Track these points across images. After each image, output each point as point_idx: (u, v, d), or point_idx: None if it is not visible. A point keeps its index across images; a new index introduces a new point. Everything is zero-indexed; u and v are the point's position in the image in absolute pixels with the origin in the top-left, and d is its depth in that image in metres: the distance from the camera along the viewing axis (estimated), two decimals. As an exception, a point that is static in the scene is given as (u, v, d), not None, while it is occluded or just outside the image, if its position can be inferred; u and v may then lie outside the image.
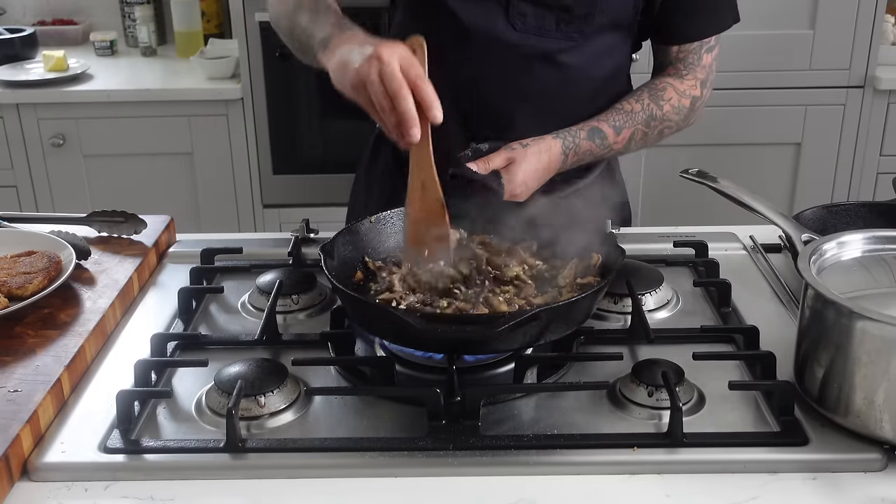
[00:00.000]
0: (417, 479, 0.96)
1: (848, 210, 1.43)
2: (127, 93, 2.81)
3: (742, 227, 1.50)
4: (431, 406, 1.02)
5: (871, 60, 2.80)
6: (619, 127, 1.43)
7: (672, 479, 0.95)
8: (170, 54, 3.17)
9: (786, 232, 1.27)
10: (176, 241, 1.51)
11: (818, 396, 1.00)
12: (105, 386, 1.10)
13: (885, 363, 0.93)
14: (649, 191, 2.95)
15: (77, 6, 3.37)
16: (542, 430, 1.01)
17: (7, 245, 1.33)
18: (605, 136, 1.43)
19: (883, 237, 1.09)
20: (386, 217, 1.29)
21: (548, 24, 1.40)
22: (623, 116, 1.44)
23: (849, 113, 2.86)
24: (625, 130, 1.43)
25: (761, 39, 2.78)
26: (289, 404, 1.04)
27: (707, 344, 1.18)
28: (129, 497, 0.93)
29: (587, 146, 1.41)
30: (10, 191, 2.88)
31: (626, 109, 1.45)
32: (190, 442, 0.99)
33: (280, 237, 1.52)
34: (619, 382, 1.07)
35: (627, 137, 1.44)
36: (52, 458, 0.97)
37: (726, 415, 1.04)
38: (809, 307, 1.00)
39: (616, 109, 1.45)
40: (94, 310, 1.22)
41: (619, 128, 1.43)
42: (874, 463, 0.95)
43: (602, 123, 1.43)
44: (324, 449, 0.98)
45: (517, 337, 1.03)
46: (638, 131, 1.45)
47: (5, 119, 2.80)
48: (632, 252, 1.29)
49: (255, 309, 1.28)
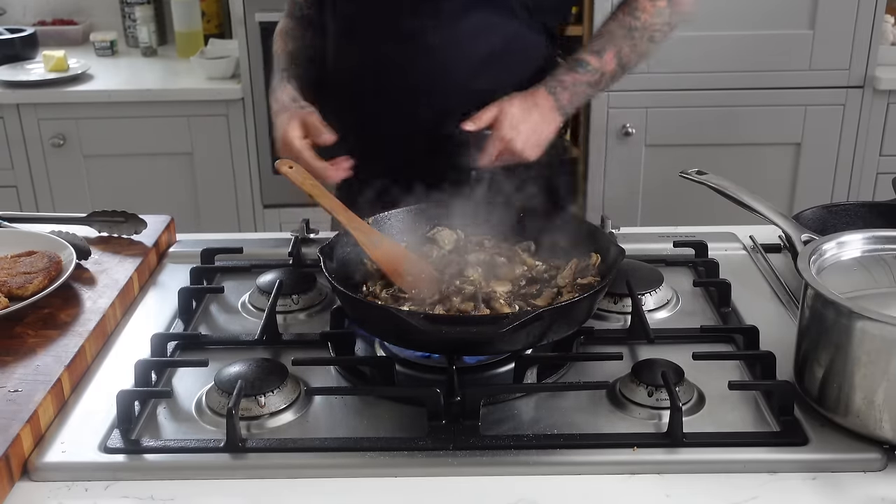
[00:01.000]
0: (417, 479, 0.96)
1: (848, 210, 1.43)
2: (127, 93, 2.81)
3: (742, 227, 1.50)
4: (431, 406, 1.02)
5: (870, 60, 2.80)
6: (600, 50, 1.44)
7: (672, 479, 0.95)
8: (170, 54, 3.17)
9: (786, 232, 1.27)
10: (176, 241, 1.51)
11: (818, 396, 1.00)
12: (105, 386, 1.10)
13: (884, 363, 0.93)
14: (649, 191, 2.95)
15: (77, 6, 3.37)
16: (542, 430, 1.01)
17: (7, 245, 1.33)
18: (588, 63, 1.43)
19: (883, 237, 1.09)
20: (384, 218, 1.29)
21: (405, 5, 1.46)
22: (601, 40, 1.46)
23: (849, 113, 2.86)
24: (607, 53, 1.44)
25: (761, 39, 2.78)
26: (289, 404, 1.04)
27: (707, 344, 1.18)
28: (129, 497, 0.93)
29: (572, 78, 1.42)
30: (11, 191, 2.88)
31: (603, 33, 1.47)
32: (190, 442, 1.00)
33: (280, 237, 1.52)
34: (619, 382, 1.07)
35: (614, 57, 1.44)
36: (53, 457, 0.97)
37: (726, 415, 1.04)
38: (809, 307, 1.00)
39: (595, 36, 1.48)
40: (94, 310, 1.22)
41: (601, 51, 1.44)
42: (874, 463, 0.95)
43: (582, 54, 1.45)
44: (324, 449, 0.98)
45: (520, 338, 1.03)
46: (623, 47, 1.45)
47: (5, 119, 2.80)
48: (632, 252, 1.29)
49: (256, 309, 1.28)
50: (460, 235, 1.29)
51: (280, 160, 1.29)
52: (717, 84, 2.84)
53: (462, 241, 1.29)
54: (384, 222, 1.28)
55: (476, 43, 1.47)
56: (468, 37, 1.46)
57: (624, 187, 2.95)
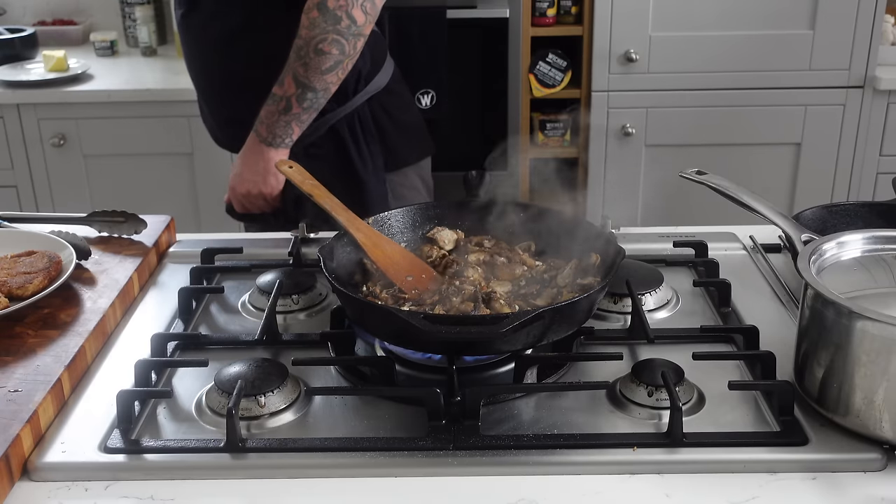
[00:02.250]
0: (417, 479, 0.96)
1: (848, 210, 1.43)
2: (127, 93, 2.81)
3: (742, 227, 1.50)
4: (431, 406, 1.02)
5: (870, 60, 2.80)
6: (281, 79, 1.57)
7: (672, 478, 0.95)
8: (170, 54, 3.18)
9: (786, 232, 1.27)
10: (176, 241, 1.51)
11: (818, 396, 1.00)
12: (105, 386, 1.10)
13: (884, 363, 0.93)
14: (649, 191, 2.95)
15: (77, 6, 3.37)
16: (542, 430, 1.01)
17: (7, 245, 1.33)
18: (273, 94, 1.58)
19: (883, 237, 1.09)
20: (384, 218, 1.29)
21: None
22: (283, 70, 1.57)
23: (849, 113, 2.86)
24: (286, 79, 1.55)
25: (761, 39, 2.78)
26: (289, 404, 1.05)
27: (707, 344, 1.18)
28: (129, 497, 0.93)
29: (265, 112, 1.59)
30: (11, 191, 2.88)
31: None
32: (190, 442, 1.00)
33: (280, 237, 1.52)
34: (619, 382, 1.07)
35: (292, 80, 1.55)
36: (53, 457, 0.97)
37: (726, 415, 1.04)
38: (809, 307, 1.00)
39: None
40: (94, 310, 1.22)
41: (281, 80, 1.56)
42: (874, 463, 0.95)
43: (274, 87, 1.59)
44: (324, 449, 0.98)
45: (520, 338, 1.03)
46: (297, 69, 1.54)
47: (5, 119, 2.80)
48: (632, 252, 1.29)
49: (256, 309, 1.28)
50: (460, 235, 1.29)
51: (280, 160, 1.29)
52: (716, 84, 2.84)
53: (462, 241, 1.29)
54: (384, 222, 1.29)
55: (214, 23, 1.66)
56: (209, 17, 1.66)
57: (624, 187, 2.95)
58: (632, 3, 2.76)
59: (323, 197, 1.23)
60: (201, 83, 1.82)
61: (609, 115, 2.87)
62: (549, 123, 3.04)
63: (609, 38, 2.79)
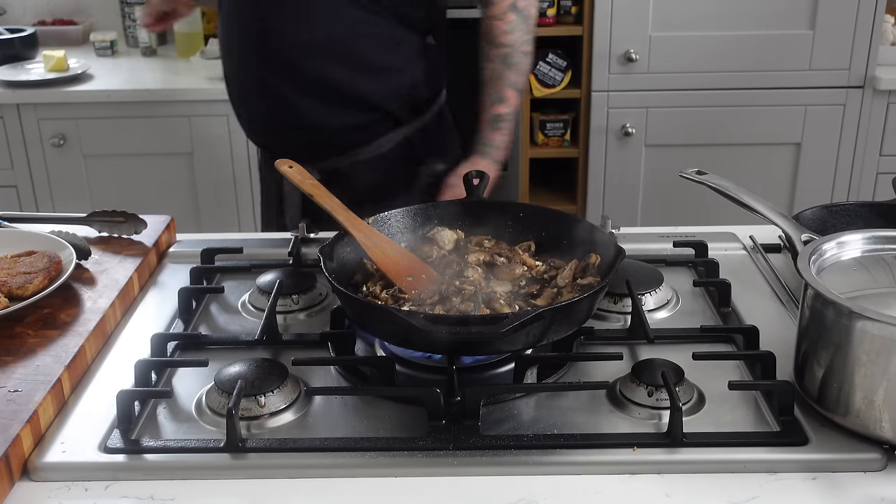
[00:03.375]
0: (417, 479, 0.96)
1: (848, 210, 1.43)
2: (127, 93, 2.81)
3: (742, 227, 1.50)
4: (431, 406, 1.02)
5: (870, 60, 2.80)
6: (502, 97, 1.56)
7: (672, 478, 0.95)
8: (170, 54, 3.17)
9: (786, 232, 1.27)
10: (176, 241, 1.51)
11: (818, 396, 1.00)
12: (105, 386, 1.10)
13: (884, 363, 0.93)
14: (649, 191, 2.95)
15: (77, 6, 3.37)
16: (542, 430, 1.01)
17: (7, 245, 1.33)
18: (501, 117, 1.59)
19: (883, 237, 1.09)
20: (384, 218, 1.29)
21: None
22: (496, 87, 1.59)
23: (849, 113, 2.86)
24: (507, 94, 1.56)
25: (761, 39, 2.78)
26: (289, 404, 1.05)
27: (707, 344, 1.18)
28: (129, 497, 0.93)
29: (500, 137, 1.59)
30: (11, 191, 2.88)
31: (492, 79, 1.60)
32: (190, 442, 1.00)
33: (280, 237, 1.52)
34: (619, 382, 1.07)
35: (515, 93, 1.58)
36: (53, 458, 0.97)
37: (726, 415, 1.04)
38: (809, 307, 1.00)
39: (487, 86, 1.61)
40: (94, 310, 1.22)
41: (502, 97, 1.57)
42: (874, 463, 0.96)
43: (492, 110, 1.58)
44: (324, 449, 0.98)
45: (520, 338, 1.03)
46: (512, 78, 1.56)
47: (5, 119, 2.80)
48: (632, 252, 1.29)
49: (256, 309, 1.28)
50: (460, 235, 1.29)
51: (280, 160, 1.29)
52: (717, 84, 2.84)
53: (462, 241, 1.29)
54: (384, 222, 1.28)
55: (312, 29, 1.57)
56: (304, 21, 1.57)
57: (624, 187, 2.95)
58: (632, 3, 2.76)
59: (323, 197, 1.23)
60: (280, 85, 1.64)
61: (609, 114, 2.87)
62: (549, 123, 3.04)
63: (609, 37, 2.79)
